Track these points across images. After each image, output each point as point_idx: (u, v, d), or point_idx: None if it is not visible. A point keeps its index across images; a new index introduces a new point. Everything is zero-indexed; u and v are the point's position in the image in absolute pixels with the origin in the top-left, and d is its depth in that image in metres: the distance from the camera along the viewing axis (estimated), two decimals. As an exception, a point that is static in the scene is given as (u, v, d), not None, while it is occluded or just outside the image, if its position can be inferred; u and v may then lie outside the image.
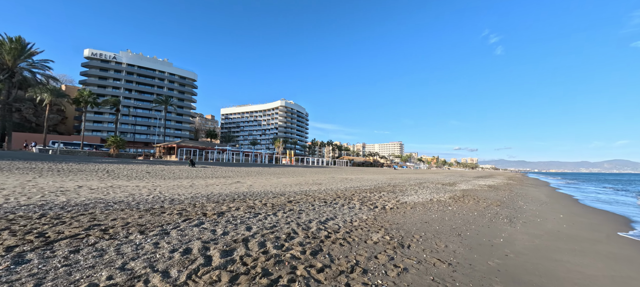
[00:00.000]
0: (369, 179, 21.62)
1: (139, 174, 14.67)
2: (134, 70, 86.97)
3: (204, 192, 9.27)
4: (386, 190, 13.07)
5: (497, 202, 11.08)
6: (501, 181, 29.48)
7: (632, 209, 12.62)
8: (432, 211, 8.27)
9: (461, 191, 14.68)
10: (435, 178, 28.40)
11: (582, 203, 14.17)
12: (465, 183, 21.82)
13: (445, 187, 16.49)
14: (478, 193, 14.42)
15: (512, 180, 34.95)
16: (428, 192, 12.94)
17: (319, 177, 19.89)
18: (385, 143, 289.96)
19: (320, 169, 38.13)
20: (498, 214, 8.44)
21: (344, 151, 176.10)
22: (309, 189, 11.95)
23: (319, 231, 4.96)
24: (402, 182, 18.92)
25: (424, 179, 24.35)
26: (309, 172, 26.73)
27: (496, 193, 15.28)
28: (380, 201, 9.32)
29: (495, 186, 20.52)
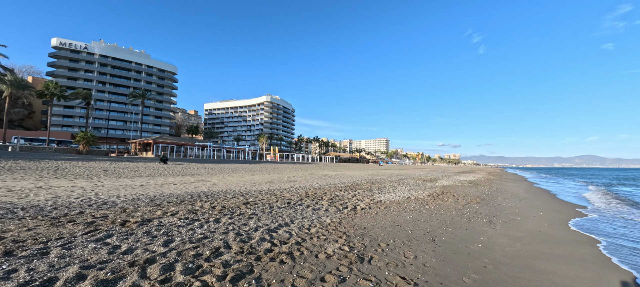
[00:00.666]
0: (350, 175, 20.89)
1: (93, 172, 13.13)
2: (107, 62, 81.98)
3: (153, 192, 8.08)
4: (363, 187, 12.31)
5: (477, 199, 10.57)
6: (481, 177, 29.71)
7: (596, 201, 12.55)
8: (408, 210, 7.53)
9: (441, 188, 14.18)
10: (417, 174, 28.16)
11: (559, 198, 14.04)
12: (447, 179, 21.57)
13: (425, 184, 15.98)
14: (458, 190, 13.98)
15: (492, 175, 35.46)
16: (407, 190, 12.29)
17: (296, 174, 18.94)
18: (372, 139, 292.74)
19: (303, 166, 37.17)
20: (477, 213, 7.82)
21: (330, 147, 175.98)
22: (280, 187, 10.97)
23: (261, 242, 4.01)
24: (383, 179, 18.31)
25: (406, 175, 23.95)
26: (289, 169, 25.70)
27: (476, 189, 14.93)
28: (353, 201, 8.49)
29: (476, 182, 20.36)
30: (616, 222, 8.30)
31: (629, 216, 9.36)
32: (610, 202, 13.27)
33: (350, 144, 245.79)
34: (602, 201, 13.64)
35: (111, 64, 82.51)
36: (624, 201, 13.91)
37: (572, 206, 11.47)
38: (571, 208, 10.65)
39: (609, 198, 14.87)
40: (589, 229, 7.16)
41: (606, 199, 14.51)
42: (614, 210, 10.72)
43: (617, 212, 10.14)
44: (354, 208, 7.29)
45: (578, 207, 11.13)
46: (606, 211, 10.50)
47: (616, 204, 12.48)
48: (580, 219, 8.38)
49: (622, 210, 10.79)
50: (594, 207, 11.27)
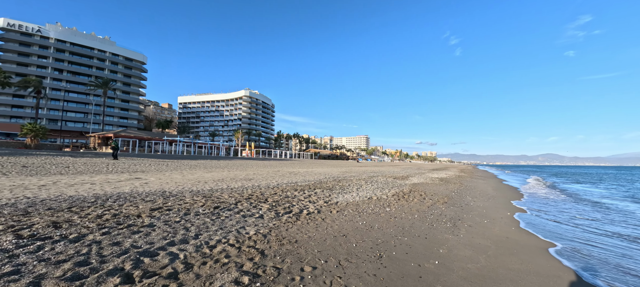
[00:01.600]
0: (320, 172, 19.75)
1: (4, 168, 10.87)
2: (65, 47, 74.56)
3: (47, 195, 6.34)
4: (325, 186, 11.17)
5: (445, 199, 9.79)
6: (454, 174, 29.89)
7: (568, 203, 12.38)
8: (364, 214, 6.43)
9: (410, 186, 13.40)
10: (391, 171, 27.69)
11: (527, 196, 13.80)
12: (419, 176, 21.10)
13: (395, 182, 15.19)
14: (427, 188, 13.27)
15: (464, 172, 36.05)
16: (372, 189, 11.31)
17: (259, 171, 17.47)
18: (353, 137, 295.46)
19: (276, 162, 35.62)
20: (442, 215, 6.91)
21: (311, 143, 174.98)
22: (227, 186, 9.52)
23: (109, 277, 2.63)
24: (353, 176, 17.35)
25: (379, 173, 23.28)
26: (256, 166, 24.10)
27: (446, 187, 14.36)
28: (303, 203, 7.27)
29: (447, 179, 20.03)
30: (573, 221, 7.80)
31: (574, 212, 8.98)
32: (558, 196, 13.20)
33: (331, 141, 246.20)
34: (551, 195, 13.56)
35: (69, 50, 75.12)
36: (571, 195, 13.96)
37: (541, 205, 11.09)
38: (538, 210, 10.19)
39: (559, 194, 14.93)
40: (551, 231, 6.49)
41: (555, 193, 14.53)
42: (552, 205, 10.42)
43: (556, 208, 9.80)
44: (299, 213, 6.06)
45: (537, 212, 10.74)
46: (547, 209, 10.16)
47: (556, 196, 12.34)
48: (543, 220, 7.78)
49: (566, 206, 10.52)
50: (542, 204, 10.96)
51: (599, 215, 9.22)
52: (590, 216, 8.89)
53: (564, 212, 9.51)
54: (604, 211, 10.23)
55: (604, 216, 9.14)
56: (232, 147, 61.07)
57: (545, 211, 9.58)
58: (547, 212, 9.22)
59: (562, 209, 10.05)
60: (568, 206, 11.16)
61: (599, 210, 10.38)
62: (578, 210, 10.11)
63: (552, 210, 9.80)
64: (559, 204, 11.44)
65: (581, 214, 9.18)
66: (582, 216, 8.95)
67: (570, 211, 9.73)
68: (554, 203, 11.80)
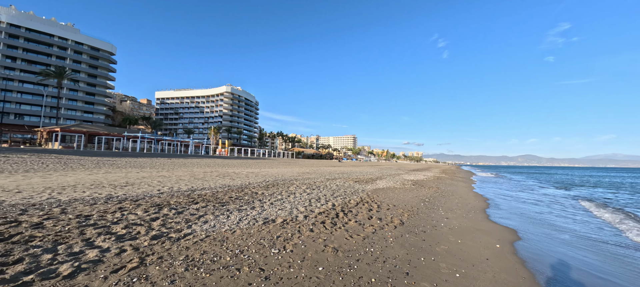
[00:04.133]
0: (273, 173, 16.65)
1: None
2: (19, 33, 67.49)
3: None
4: (240, 195, 8.09)
5: (405, 215, 6.94)
6: (433, 175, 27.60)
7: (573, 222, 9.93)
8: (224, 259, 3.41)
9: (370, 193, 10.56)
10: (365, 171, 25.00)
11: (523, 214, 11.29)
12: (391, 179, 18.42)
13: (355, 186, 12.33)
14: (391, 195, 10.48)
15: (445, 173, 34.00)
16: (308, 199, 8.33)
17: (198, 171, 14.16)
18: (340, 136, 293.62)
19: (240, 161, 32.20)
20: (382, 256, 4.00)
21: (297, 143, 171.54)
22: (86, 195, 6.27)
23: None
24: (308, 179, 14.38)
25: (348, 174, 20.45)
26: (210, 165, 20.70)
27: (417, 193, 11.65)
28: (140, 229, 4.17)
29: (422, 182, 17.45)
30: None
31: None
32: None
33: (317, 140, 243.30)
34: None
35: (24, 36, 68.06)
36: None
37: (547, 232, 8.49)
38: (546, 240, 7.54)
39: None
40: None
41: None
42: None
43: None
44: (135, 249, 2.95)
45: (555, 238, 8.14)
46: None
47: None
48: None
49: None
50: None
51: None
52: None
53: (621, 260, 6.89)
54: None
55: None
56: (203, 145, 56.79)
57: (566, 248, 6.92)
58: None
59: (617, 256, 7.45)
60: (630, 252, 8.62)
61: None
62: None
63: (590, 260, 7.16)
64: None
65: None
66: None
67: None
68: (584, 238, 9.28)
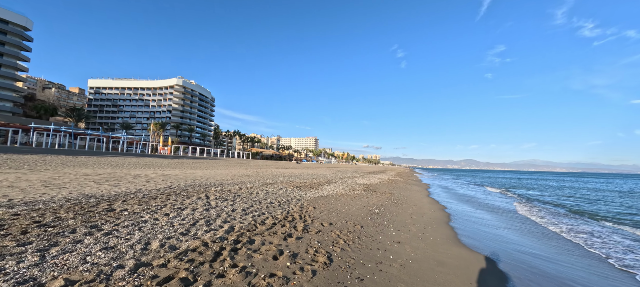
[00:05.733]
0: (203, 176, 13.50)
1: None
2: None
3: None
4: (94, 213, 5.18)
5: (345, 236, 4.78)
6: (388, 178, 26.84)
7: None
8: None
9: (307, 203, 8.33)
10: (316, 174, 22.99)
11: (486, 224, 10.10)
12: (341, 182, 16.60)
13: (290, 194, 10.02)
14: (335, 204, 8.39)
15: (400, 176, 33.92)
16: (196, 217, 5.75)
17: (74, 173, 10.37)
18: (302, 138, 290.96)
19: (177, 162, 27.74)
20: None
21: (256, 143, 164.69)
22: None
23: None
24: (243, 182, 11.65)
25: (296, 175, 18.14)
26: (118, 166, 16.49)
27: (367, 200, 9.80)
28: None
29: (375, 187, 15.95)
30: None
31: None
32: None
33: (278, 141, 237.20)
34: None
35: None
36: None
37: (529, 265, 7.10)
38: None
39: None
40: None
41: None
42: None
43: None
44: None
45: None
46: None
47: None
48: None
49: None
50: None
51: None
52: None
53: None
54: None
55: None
56: (139, 142, 49.15)
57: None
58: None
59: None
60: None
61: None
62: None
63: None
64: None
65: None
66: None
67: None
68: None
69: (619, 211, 12.93)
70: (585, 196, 19.87)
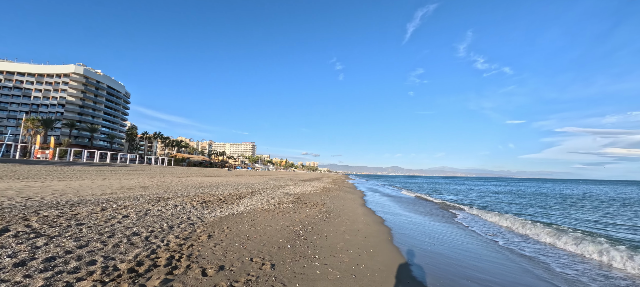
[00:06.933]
0: (63, 189, 9.33)
1: None
2: None
3: None
4: None
5: (250, 277, 2.69)
6: (323, 185, 25.79)
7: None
8: None
9: (205, 227, 5.93)
10: (244, 182, 20.11)
11: (437, 238, 9.24)
12: (270, 193, 14.40)
13: (187, 214, 7.40)
14: (247, 225, 6.20)
15: (335, 183, 33.53)
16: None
17: None
18: (238, 143, 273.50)
19: (51, 169, 20.86)
20: None
21: (183, 147, 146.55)
22: None
23: None
24: (122, 198, 8.28)
25: (216, 185, 15.06)
26: None
27: (294, 215, 7.91)
28: None
29: (307, 196, 14.29)
30: None
31: None
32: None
33: (211, 146, 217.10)
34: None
35: None
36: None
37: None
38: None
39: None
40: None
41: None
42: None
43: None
44: None
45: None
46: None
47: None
48: None
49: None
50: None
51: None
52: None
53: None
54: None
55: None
56: (2, 142, 36.07)
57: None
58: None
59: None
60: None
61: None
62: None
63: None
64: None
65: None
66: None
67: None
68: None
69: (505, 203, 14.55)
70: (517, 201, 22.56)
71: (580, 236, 7.84)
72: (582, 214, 14.53)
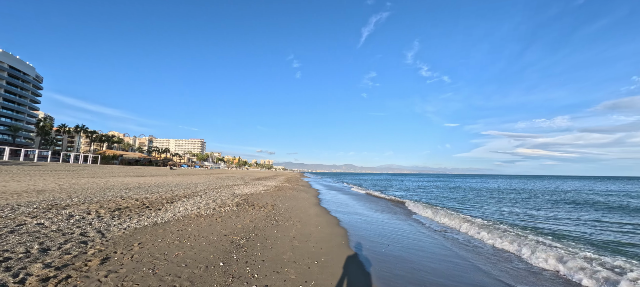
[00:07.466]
0: None
1: None
2: None
3: None
4: None
5: None
6: (276, 184, 24.61)
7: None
8: None
9: (115, 240, 4.45)
10: (182, 183, 17.78)
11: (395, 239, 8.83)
12: (213, 194, 12.80)
13: (82, 230, 5.71)
14: (190, 229, 4.91)
15: (289, 182, 32.54)
16: None
17: None
18: (185, 139, 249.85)
19: None
20: None
21: (116, 143, 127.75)
22: None
23: None
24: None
25: (141, 187, 12.76)
26: None
27: (236, 221, 6.77)
28: None
29: (257, 197, 13.11)
30: None
31: None
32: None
33: (151, 142, 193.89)
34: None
35: None
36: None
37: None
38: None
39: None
40: None
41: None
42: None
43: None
44: None
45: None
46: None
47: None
48: None
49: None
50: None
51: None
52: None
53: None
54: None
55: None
56: None
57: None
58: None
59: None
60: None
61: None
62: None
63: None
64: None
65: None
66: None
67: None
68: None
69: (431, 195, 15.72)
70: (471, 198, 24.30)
71: (506, 229, 8.41)
72: (507, 208, 16.43)
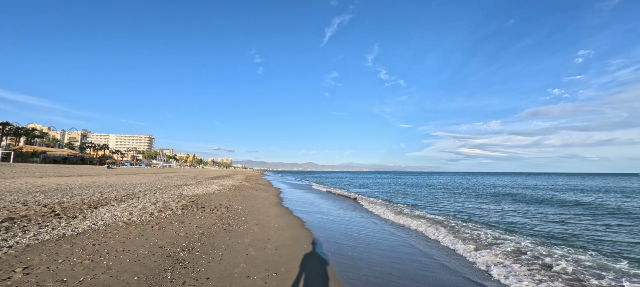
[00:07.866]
0: None
1: None
2: None
3: None
4: None
5: None
6: (233, 183, 22.96)
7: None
8: None
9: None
10: (117, 183, 15.34)
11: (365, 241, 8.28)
12: (153, 196, 11.13)
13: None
14: (111, 243, 3.69)
15: (248, 181, 30.82)
16: None
17: None
18: (129, 135, 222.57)
19: None
20: None
21: (37, 137, 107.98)
22: None
23: None
24: None
25: (51, 191, 10.48)
26: None
27: (180, 227, 5.65)
28: None
29: (209, 198, 11.77)
30: None
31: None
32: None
33: (84, 137, 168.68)
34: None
35: None
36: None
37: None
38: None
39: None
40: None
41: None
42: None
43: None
44: None
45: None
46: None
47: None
48: None
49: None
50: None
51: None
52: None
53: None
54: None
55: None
56: None
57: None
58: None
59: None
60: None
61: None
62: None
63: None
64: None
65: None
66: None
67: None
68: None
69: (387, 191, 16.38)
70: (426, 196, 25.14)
71: (463, 225, 8.76)
72: (459, 204, 17.65)
